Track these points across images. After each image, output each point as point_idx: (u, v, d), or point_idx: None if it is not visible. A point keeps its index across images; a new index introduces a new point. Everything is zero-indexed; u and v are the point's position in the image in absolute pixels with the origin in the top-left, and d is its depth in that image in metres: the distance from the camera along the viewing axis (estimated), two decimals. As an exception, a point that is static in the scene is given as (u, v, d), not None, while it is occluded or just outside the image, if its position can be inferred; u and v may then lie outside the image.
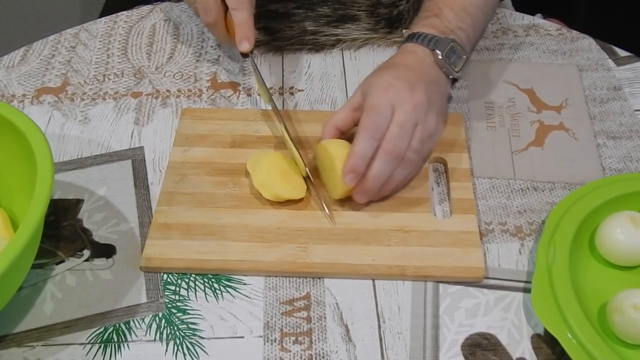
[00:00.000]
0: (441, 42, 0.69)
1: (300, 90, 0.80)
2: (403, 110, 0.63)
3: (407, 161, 0.64)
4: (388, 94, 0.64)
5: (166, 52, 0.85)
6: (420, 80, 0.66)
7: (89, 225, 0.66)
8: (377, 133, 0.63)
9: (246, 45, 0.72)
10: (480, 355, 0.57)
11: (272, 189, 0.65)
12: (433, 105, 0.66)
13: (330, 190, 0.66)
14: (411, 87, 0.65)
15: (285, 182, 0.65)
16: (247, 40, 0.72)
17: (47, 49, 0.85)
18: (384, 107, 0.63)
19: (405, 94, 0.64)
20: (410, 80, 0.66)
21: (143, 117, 0.77)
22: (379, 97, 0.64)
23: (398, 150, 0.63)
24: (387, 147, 0.62)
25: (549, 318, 0.56)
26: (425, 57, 0.69)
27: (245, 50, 0.72)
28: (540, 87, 0.80)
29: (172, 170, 0.70)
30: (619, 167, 0.71)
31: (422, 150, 0.65)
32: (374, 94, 0.65)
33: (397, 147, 0.63)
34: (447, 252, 0.63)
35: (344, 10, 0.85)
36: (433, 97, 0.66)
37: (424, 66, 0.69)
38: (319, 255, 0.63)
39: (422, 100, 0.65)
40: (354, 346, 0.58)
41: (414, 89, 0.65)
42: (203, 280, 0.62)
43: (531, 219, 0.67)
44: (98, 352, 0.58)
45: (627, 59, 0.83)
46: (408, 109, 0.64)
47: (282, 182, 0.65)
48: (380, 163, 0.63)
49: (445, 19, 0.72)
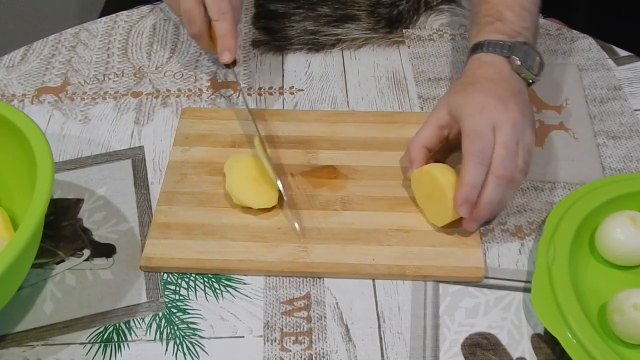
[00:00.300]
0: (515, 48, 0.67)
1: (300, 90, 0.80)
2: (504, 130, 0.61)
3: (516, 182, 0.63)
4: (486, 116, 0.62)
5: (166, 51, 0.85)
6: (509, 94, 0.64)
7: (89, 224, 0.66)
8: (485, 159, 0.60)
9: (227, 56, 0.73)
10: (480, 355, 0.57)
11: (239, 197, 0.65)
12: (527, 119, 0.64)
13: (435, 217, 0.64)
14: (505, 104, 0.63)
15: (253, 191, 0.65)
16: (229, 51, 0.73)
17: (47, 49, 0.85)
18: (486, 130, 0.61)
19: (502, 112, 0.62)
20: (501, 96, 0.63)
21: (143, 116, 0.77)
22: (477, 119, 0.62)
23: (509, 173, 0.61)
24: (497, 172, 0.61)
25: (549, 318, 0.56)
26: (503, 67, 0.67)
27: (226, 61, 0.73)
28: (540, 86, 0.79)
29: (172, 169, 0.70)
30: (619, 167, 0.71)
31: (527, 169, 0.64)
32: (470, 116, 0.62)
33: (507, 170, 0.61)
34: (447, 252, 0.63)
35: (344, 10, 0.85)
36: (525, 111, 0.64)
37: (506, 77, 0.66)
38: (319, 255, 0.63)
39: (518, 116, 0.63)
40: (354, 346, 0.58)
41: (508, 106, 0.63)
42: (203, 280, 0.62)
43: (531, 218, 0.67)
44: (98, 352, 0.58)
45: (627, 58, 0.83)
46: (508, 129, 0.61)
47: (251, 190, 0.65)
48: (492, 188, 0.61)
49: (509, 22, 0.69)
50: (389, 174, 0.69)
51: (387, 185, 0.68)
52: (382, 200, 0.67)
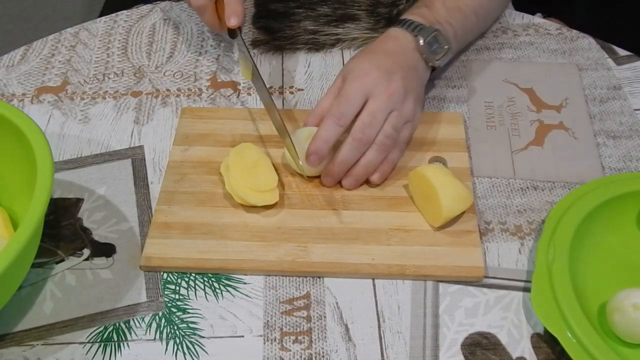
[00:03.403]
0: (425, 30, 0.70)
1: (300, 90, 0.80)
2: (377, 99, 0.65)
3: (382, 146, 0.66)
4: (363, 83, 0.66)
5: (166, 51, 0.85)
6: (398, 67, 0.68)
7: (89, 224, 0.66)
8: (342, 120, 0.65)
9: (234, 21, 0.71)
10: (480, 354, 0.57)
11: (242, 198, 0.65)
12: (410, 92, 0.68)
13: (431, 217, 0.64)
14: (389, 75, 0.66)
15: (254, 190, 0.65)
16: (235, 16, 0.71)
17: (47, 48, 0.85)
18: (357, 95, 0.65)
19: (381, 83, 0.66)
20: (388, 68, 0.67)
21: (143, 116, 0.77)
22: (354, 85, 0.66)
23: (366, 139, 0.65)
24: (355, 135, 0.65)
25: (548, 317, 0.56)
26: (406, 43, 0.70)
27: (232, 24, 0.71)
28: (540, 86, 0.80)
29: (172, 169, 0.70)
30: (618, 167, 0.71)
31: (397, 136, 0.67)
32: (349, 82, 0.66)
33: (366, 135, 0.65)
34: (447, 252, 0.63)
35: (343, 10, 0.85)
36: (410, 85, 0.68)
37: (404, 51, 0.70)
38: (319, 254, 0.63)
39: (398, 90, 0.66)
40: (353, 345, 0.58)
41: (391, 78, 0.66)
42: (203, 280, 0.62)
43: (531, 218, 0.67)
44: (98, 351, 0.58)
45: (627, 58, 0.83)
46: (382, 99, 0.65)
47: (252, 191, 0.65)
48: (347, 149, 0.65)
49: (436, 12, 0.73)
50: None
51: (387, 185, 0.68)
52: (382, 200, 0.67)
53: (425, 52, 0.70)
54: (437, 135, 0.73)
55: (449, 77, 0.81)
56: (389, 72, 0.67)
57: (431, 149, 0.71)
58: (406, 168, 0.69)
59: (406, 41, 0.71)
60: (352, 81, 0.66)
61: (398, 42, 0.71)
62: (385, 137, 0.66)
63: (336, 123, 0.64)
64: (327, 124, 0.65)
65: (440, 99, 0.78)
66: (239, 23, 0.72)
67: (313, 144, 0.65)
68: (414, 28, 0.71)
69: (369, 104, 0.65)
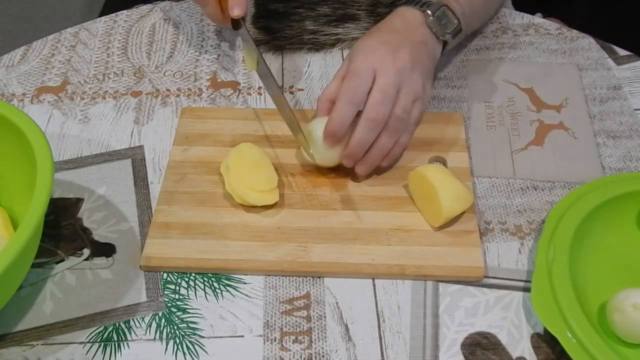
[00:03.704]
0: (433, 5, 0.70)
1: (300, 90, 0.80)
2: (385, 74, 0.63)
3: (393, 129, 0.64)
4: (369, 59, 0.64)
5: (166, 51, 0.85)
6: (405, 42, 0.66)
7: (89, 224, 0.66)
8: (356, 97, 0.63)
9: (237, 10, 0.70)
10: (480, 354, 0.57)
11: (242, 198, 0.65)
12: (418, 66, 0.65)
13: (431, 217, 0.64)
14: (395, 50, 0.65)
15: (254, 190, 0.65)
16: (239, 6, 0.70)
17: (47, 48, 0.85)
18: (365, 72, 0.63)
19: (387, 58, 0.64)
20: (394, 44, 0.66)
21: (143, 116, 0.77)
22: (360, 61, 0.64)
23: (380, 117, 0.63)
24: (369, 115, 0.63)
25: (548, 317, 0.56)
26: (414, 19, 0.69)
27: (236, 14, 0.70)
28: (540, 86, 0.80)
29: (172, 169, 0.70)
30: (618, 167, 0.71)
31: (407, 118, 0.65)
32: (355, 59, 0.65)
33: (379, 114, 0.63)
34: (447, 252, 0.63)
35: (344, 10, 0.85)
36: (419, 59, 0.66)
37: (412, 28, 0.69)
38: (319, 254, 0.63)
39: (405, 64, 0.64)
40: (353, 345, 0.58)
41: (397, 53, 0.65)
42: (203, 280, 0.62)
43: (531, 218, 0.67)
44: (98, 351, 0.58)
45: (627, 58, 0.83)
46: (390, 73, 0.63)
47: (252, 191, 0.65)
48: (362, 130, 0.63)
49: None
50: (389, 173, 0.69)
51: (387, 185, 0.68)
52: (382, 200, 0.67)
53: (434, 26, 0.69)
54: (437, 135, 0.73)
55: (449, 77, 0.81)
56: (395, 47, 0.65)
57: (431, 149, 0.71)
58: (406, 168, 0.69)
59: (414, 17, 0.69)
60: (358, 58, 0.65)
61: (405, 18, 0.69)
62: (396, 121, 0.64)
63: (349, 102, 0.63)
64: (340, 104, 0.63)
65: (440, 99, 0.78)
66: (243, 13, 0.71)
67: (328, 126, 0.63)
68: (422, 4, 0.70)
69: (378, 80, 0.63)
